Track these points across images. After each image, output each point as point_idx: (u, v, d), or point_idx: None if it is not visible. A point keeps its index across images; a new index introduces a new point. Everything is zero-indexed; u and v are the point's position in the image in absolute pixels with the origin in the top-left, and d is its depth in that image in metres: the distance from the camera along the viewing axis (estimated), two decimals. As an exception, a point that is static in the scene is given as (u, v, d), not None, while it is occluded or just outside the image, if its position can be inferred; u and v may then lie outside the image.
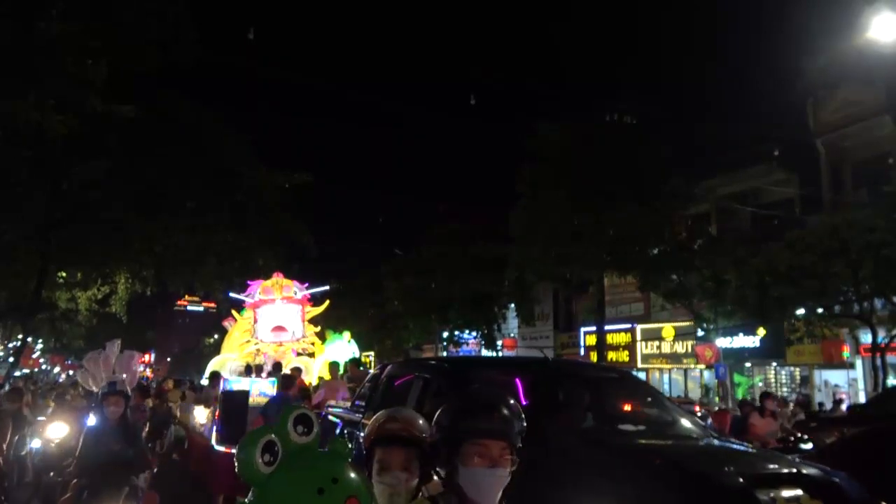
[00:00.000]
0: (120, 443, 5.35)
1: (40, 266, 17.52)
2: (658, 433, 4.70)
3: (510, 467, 1.90)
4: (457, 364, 6.28)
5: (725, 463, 3.89)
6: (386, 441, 2.13)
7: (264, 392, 9.45)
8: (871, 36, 12.65)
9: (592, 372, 6.56)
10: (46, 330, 29.10)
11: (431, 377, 5.21)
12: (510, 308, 28.19)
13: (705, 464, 3.88)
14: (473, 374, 5.25)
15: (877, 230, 13.34)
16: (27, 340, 26.30)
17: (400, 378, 5.87)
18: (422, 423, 2.17)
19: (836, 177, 19.87)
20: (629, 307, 25.97)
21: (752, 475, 3.66)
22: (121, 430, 5.44)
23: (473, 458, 1.86)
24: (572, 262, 20.08)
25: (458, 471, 1.88)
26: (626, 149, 18.76)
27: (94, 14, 12.82)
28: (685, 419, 5.03)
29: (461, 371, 5.45)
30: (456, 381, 4.87)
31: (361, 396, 6.48)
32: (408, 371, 6.02)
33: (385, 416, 2.22)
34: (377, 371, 6.70)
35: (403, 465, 2.10)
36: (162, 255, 18.74)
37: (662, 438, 4.55)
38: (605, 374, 6.39)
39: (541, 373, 5.50)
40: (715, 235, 21.08)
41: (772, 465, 4.04)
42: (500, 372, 5.62)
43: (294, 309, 17.92)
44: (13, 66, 11.78)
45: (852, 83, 18.58)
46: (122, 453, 5.33)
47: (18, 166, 14.39)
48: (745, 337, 20.61)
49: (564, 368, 6.86)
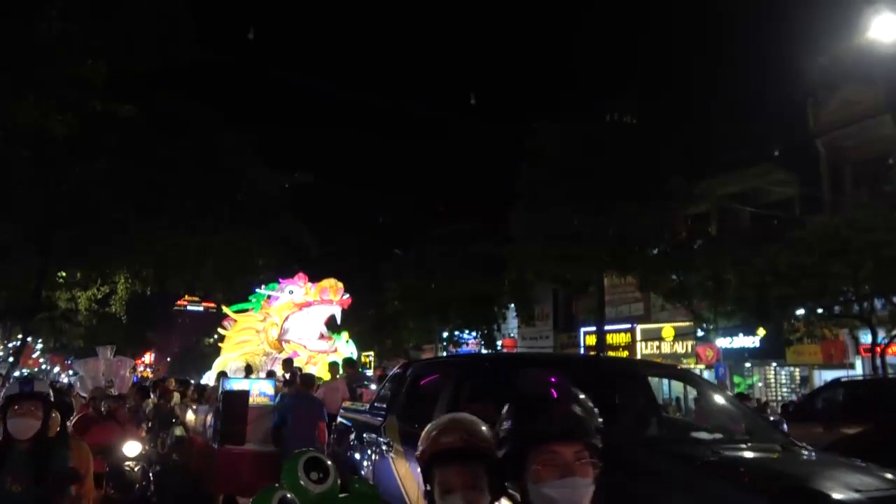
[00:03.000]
0: (24, 479, 3.14)
1: (40, 266, 17.53)
2: (741, 442, 3.97)
3: (593, 474, 1.52)
4: (497, 362, 5.34)
5: (848, 482, 3.14)
6: (445, 458, 1.77)
7: (264, 392, 9.43)
8: (871, 36, 12.66)
9: (648, 370, 5.85)
10: (46, 330, 29.08)
11: (467, 377, 4.66)
12: (510, 308, 28.19)
13: (831, 486, 3.08)
14: (517, 373, 4.84)
15: (877, 230, 13.33)
16: (27, 340, 26.31)
17: (427, 378, 5.41)
18: (485, 430, 1.82)
19: (836, 177, 19.85)
20: (629, 307, 25.95)
21: (885, 498, 3.00)
22: (30, 458, 3.16)
23: (543, 470, 1.50)
24: (572, 262, 20.06)
25: (528, 489, 1.53)
26: (626, 149, 18.75)
27: (94, 14, 12.82)
28: (758, 422, 4.45)
29: (503, 370, 4.63)
30: (497, 382, 4.21)
31: (382, 398, 5.90)
32: (437, 370, 5.59)
33: (439, 426, 1.86)
34: (399, 370, 6.10)
35: (471, 483, 1.74)
36: (162, 255, 18.74)
37: (755, 450, 3.81)
38: (662, 373, 5.93)
39: (593, 372, 4.77)
40: (715, 235, 21.07)
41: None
42: (546, 371, 5.11)
43: (333, 311, 17.59)
44: (13, 67, 11.78)
45: (852, 83, 18.57)
46: (21, 499, 3.11)
47: (18, 166, 14.39)
48: (745, 337, 20.59)
49: (618, 367, 5.88)
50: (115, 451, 6.99)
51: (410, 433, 4.61)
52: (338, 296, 17.52)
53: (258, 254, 20.17)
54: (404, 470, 4.54)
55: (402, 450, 4.66)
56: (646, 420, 4.45)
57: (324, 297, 17.33)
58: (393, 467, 4.75)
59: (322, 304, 17.39)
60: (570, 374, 4.49)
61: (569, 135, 19.40)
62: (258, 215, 19.08)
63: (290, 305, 17.55)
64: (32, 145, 14.02)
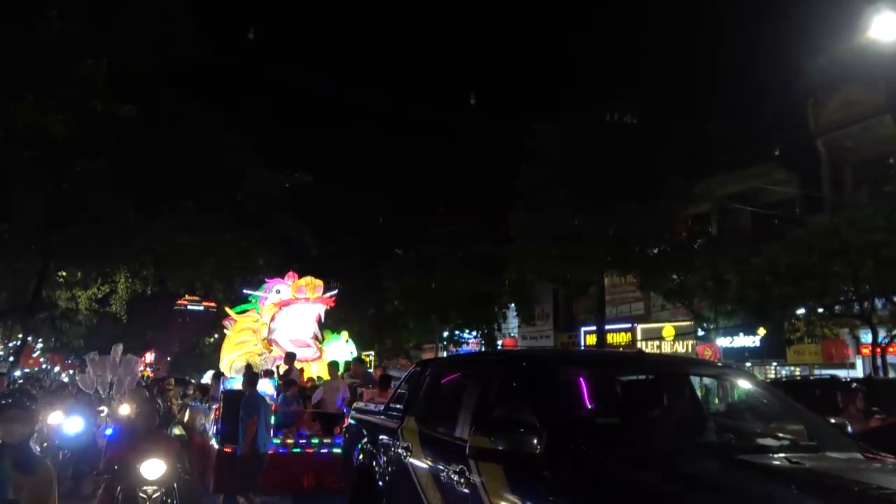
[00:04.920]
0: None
1: (40, 266, 17.54)
2: (814, 449, 3.52)
3: None
4: (536, 360, 4.78)
5: None
6: None
7: (265, 392, 9.45)
8: (872, 36, 12.66)
9: (698, 369, 5.26)
10: (46, 330, 29.11)
11: (498, 375, 4.18)
12: (510, 308, 28.19)
13: None
14: (558, 372, 4.23)
15: (877, 230, 13.32)
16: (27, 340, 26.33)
17: (449, 376, 5.04)
18: None
19: (837, 177, 19.84)
20: (629, 307, 25.94)
21: None
22: None
23: None
24: (572, 262, 20.06)
25: None
26: (626, 149, 18.75)
27: (94, 14, 12.83)
28: (821, 424, 3.94)
29: (543, 369, 4.20)
30: (537, 382, 3.86)
31: (398, 398, 5.51)
32: (461, 368, 5.21)
33: None
34: (417, 368, 5.67)
35: None
36: (162, 254, 18.74)
37: (836, 460, 3.36)
38: (713, 372, 5.21)
39: (639, 370, 4.43)
40: (715, 235, 21.07)
41: None
42: (591, 370, 4.39)
43: (318, 310, 17.24)
44: (13, 66, 11.79)
45: (852, 83, 18.56)
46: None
47: (18, 166, 14.40)
48: (746, 337, 20.59)
49: (665, 364, 5.18)
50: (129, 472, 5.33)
51: (431, 437, 4.44)
52: (315, 293, 17.16)
53: (258, 254, 20.17)
54: (426, 478, 4.22)
55: (422, 455, 4.39)
56: (700, 423, 3.96)
57: (299, 294, 17.05)
58: (413, 475, 4.41)
59: (299, 302, 16.99)
60: (616, 373, 4.30)
61: (569, 135, 19.39)
62: (258, 215, 19.07)
63: (273, 306, 17.44)
64: (32, 145, 14.03)
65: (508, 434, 3.17)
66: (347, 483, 6.01)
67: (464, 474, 3.65)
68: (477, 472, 3.52)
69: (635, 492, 2.80)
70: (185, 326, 65.81)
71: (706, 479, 2.84)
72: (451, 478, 3.79)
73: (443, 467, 3.96)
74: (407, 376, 5.75)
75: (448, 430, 4.23)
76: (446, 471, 3.88)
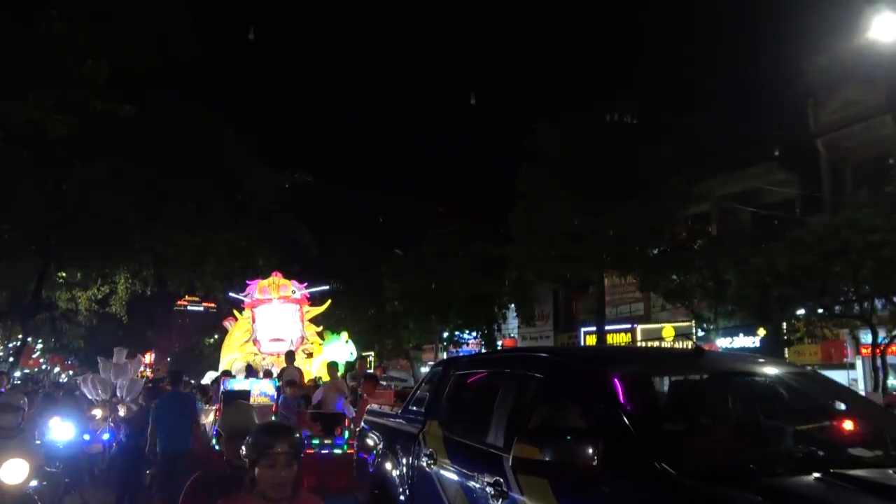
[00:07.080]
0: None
1: (40, 266, 17.53)
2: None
3: None
4: (586, 359, 4.28)
5: None
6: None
7: (265, 392, 9.46)
8: (872, 36, 12.66)
9: (766, 369, 4.17)
10: (46, 330, 29.10)
11: (541, 377, 3.76)
12: (510, 308, 28.18)
13: None
14: (613, 372, 3.48)
15: (877, 230, 13.32)
16: (27, 340, 26.32)
17: (476, 376, 4.57)
18: None
19: (837, 177, 19.85)
20: (629, 307, 25.94)
21: None
22: None
23: None
24: (572, 262, 20.05)
25: None
26: (626, 149, 18.75)
27: (94, 14, 12.83)
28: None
29: (595, 369, 3.64)
30: (589, 384, 3.42)
31: (418, 400, 5.07)
32: (490, 366, 4.74)
33: None
34: (439, 367, 5.28)
35: None
36: (162, 255, 18.74)
37: None
38: (782, 372, 4.04)
39: (700, 371, 3.81)
40: (715, 235, 21.05)
41: None
42: (642, 370, 3.83)
43: (291, 309, 17.43)
44: (13, 66, 11.78)
45: (852, 83, 18.57)
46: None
47: (18, 166, 14.39)
48: (745, 337, 20.58)
49: (727, 364, 4.36)
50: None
51: (460, 444, 4.05)
52: (279, 293, 17.28)
53: (258, 254, 20.16)
54: (455, 490, 3.82)
55: (449, 463, 3.99)
56: (776, 430, 3.44)
57: (263, 296, 17.22)
58: (438, 484, 4.04)
59: (264, 304, 17.19)
60: (675, 372, 3.74)
61: (569, 135, 19.39)
62: (258, 215, 19.06)
63: (249, 308, 17.76)
64: (32, 145, 14.02)
65: (559, 443, 2.82)
66: (362, 491, 5.57)
67: (499, 486, 3.32)
68: (517, 487, 3.19)
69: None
70: (184, 327, 65.86)
71: (810, 498, 2.46)
72: (485, 491, 3.44)
73: (475, 478, 3.62)
74: (428, 377, 5.33)
75: (478, 436, 3.84)
76: (479, 482, 3.55)
